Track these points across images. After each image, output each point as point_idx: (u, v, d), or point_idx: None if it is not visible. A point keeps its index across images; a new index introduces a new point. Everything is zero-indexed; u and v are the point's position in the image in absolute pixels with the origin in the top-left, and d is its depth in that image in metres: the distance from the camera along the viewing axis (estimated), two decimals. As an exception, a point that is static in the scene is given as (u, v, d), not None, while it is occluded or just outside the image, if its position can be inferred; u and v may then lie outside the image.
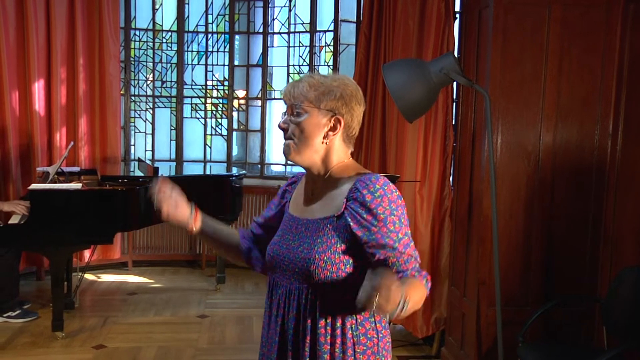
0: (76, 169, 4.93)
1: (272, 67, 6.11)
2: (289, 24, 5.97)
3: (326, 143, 1.59)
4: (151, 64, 6.06)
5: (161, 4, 6.05)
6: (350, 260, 1.53)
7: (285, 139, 1.62)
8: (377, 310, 1.31)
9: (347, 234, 1.53)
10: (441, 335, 3.97)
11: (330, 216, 1.57)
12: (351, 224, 1.52)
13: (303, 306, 1.56)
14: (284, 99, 1.63)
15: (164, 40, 6.09)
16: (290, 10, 5.96)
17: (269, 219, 1.79)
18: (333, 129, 1.59)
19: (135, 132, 6.07)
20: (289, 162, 5.99)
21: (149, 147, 6.13)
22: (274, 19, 6.05)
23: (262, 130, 6.11)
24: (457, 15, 3.89)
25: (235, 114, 6.19)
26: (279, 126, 1.63)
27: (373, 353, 1.58)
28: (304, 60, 5.92)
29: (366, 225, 1.50)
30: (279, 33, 6.04)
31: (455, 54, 3.76)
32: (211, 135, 6.23)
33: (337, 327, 1.54)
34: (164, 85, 6.13)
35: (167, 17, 6.08)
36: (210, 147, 6.24)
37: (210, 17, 6.12)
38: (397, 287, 1.31)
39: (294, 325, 1.58)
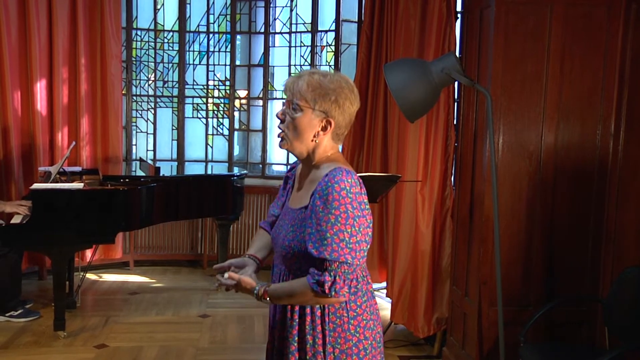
0: (78, 168, 4.93)
1: (273, 67, 6.12)
2: (291, 23, 5.97)
3: (315, 141, 1.74)
4: (153, 63, 6.07)
5: (163, 4, 6.06)
6: None
7: (280, 127, 1.78)
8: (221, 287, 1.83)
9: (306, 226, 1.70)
10: (442, 335, 3.97)
11: (301, 207, 1.75)
12: (307, 218, 1.69)
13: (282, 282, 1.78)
14: (285, 90, 1.79)
15: (166, 40, 6.09)
16: (291, 10, 5.96)
17: (282, 207, 1.95)
18: (324, 129, 1.74)
19: (136, 132, 6.07)
20: (290, 162, 6.02)
21: (151, 147, 6.13)
22: (275, 19, 6.05)
23: (264, 130, 6.12)
24: (459, 15, 3.89)
25: (236, 113, 6.20)
26: (277, 115, 1.79)
27: (343, 330, 1.74)
28: (306, 60, 5.92)
29: (310, 222, 1.66)
30: (281, 33, 6.04)
31: (457, 53, 3.76)
32: (213, 135, 6.23)
33: (306, 306, 1.73)
34: (166, 85, 6.13)
35: (169, 17, 6.08)
36: (211, 147, 6.24)
37: (211, 17, 6.13)
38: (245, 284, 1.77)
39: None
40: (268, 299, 1.73)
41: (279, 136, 1.79)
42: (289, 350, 1.75)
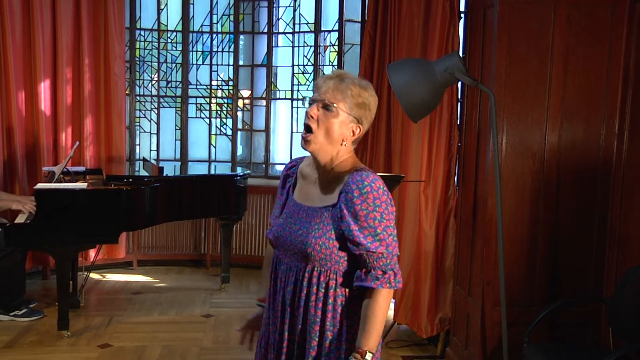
0: (81, 168, 4.94)
1: (276, 67, 6.11)
2: (294, 23, 5.97)
3: (345, 145, 1.78)
4: (156, 64, 6.08)
5: (166, 4, 6.06)
6: (340, 246, 1.74)
7: (307, 128, 1.76)
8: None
9: (339, 224, 1.74)
10: (446, 336, 3.97)
11: (327, 206, 1.77)
12: (339, 217, 1.73)
13: (300, 282, 1.79)
14: (319, 91, 1.76)
15: (169, 40, 6.10)
16: (294, 10, 5.96)
17: (283, 208, 1.95)
18: (352, 134, 1.79)
19: (140, 132, 6.08)
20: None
21: (154, 147, 6.14)
22: (278, 19, 6.05)
23: (267, 130, 6.12)
24: (462, 15, 3.88)
25: (239, 113, 6.20)
26: (310, 114, 1.75)
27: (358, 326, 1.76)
28: (309, 60, 5.92)
29: (348, 221, 1.71)
30: (284, 33, 6.04)
31: (460, 53, 3.75)
32: (216, 135, 6.24)
33: (328, 302, 1.76)
34: (169, 85, 6.14)
35: (172, 17, 6.09)
36: (214, 147, 6.25)
37: (215, 17, 6.13)
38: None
39: (290, 298, 1.81)
40: (373, 351, 1.70)
41: (305, 137, 1.77)
42: (310, 345, 1.77)
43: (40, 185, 4.11)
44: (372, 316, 1.71)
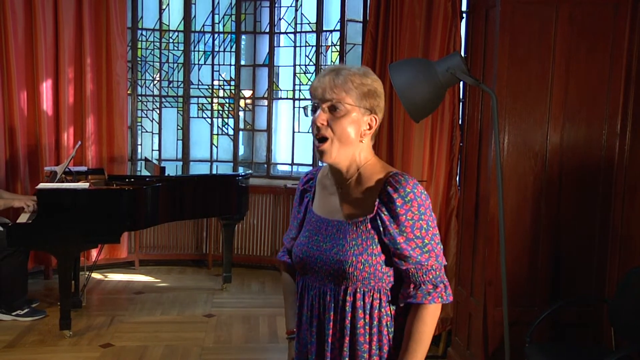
0: (83, 168, 4.95)
1: (278, 66, 6.12)
2: (296, 23, 5.97)
3: (363, 142, 1.60)
4: (158, 63, 6.08)
5: (168, 4, 6.07)
6: (385, 261, 1.56)
7: (319, 137, 1.57)
8: None
9: (381, 237, 1.55)
10: (447, 336, 3.96)
11: (363, 217, 1.57)
12: (381, 229, 1.55)
13: (340, 307, 1.58)
14: (317, 94, 1.57)
15: (171, 40, 6.10)
16: (296, 10, 5.96)
17: (300, 227, 1.75)
18: (369, 127, 1.60)
19: (142, 132, 6.09)
20: (295, 162, 6.02)
21: (156, 147, 6.15)
22: (280, 19, 6.05)
23: (269, 129, 6.12)
24: (464, 15, 3.88)
25: (241, 113, 6.20)
26: (316, 123, 1.56)
27: (394, 337, 1.60)
28: (311, 60, 5.92)
29: (393, 233, 1.53)
30: (286, 33, 6.04)
31: (462, 53, 3.75)
32: (217, 134, 6.24)
33: (374, 325, 1.57)
34: (171, 85, 6.14)
35: (174, 17, 6.09)
36: (216, 147, 6.25)
37: (216, 17, 6.13)
38: None
39: (331, 326, 1.59)
40: None
41: (321, 149, 1.57)
42: (362, 350, 1.57)
43: (42, 185, 4.11)
44: (418, 334, 1.54)
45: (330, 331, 1.59)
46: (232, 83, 6.17)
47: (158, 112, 6.12)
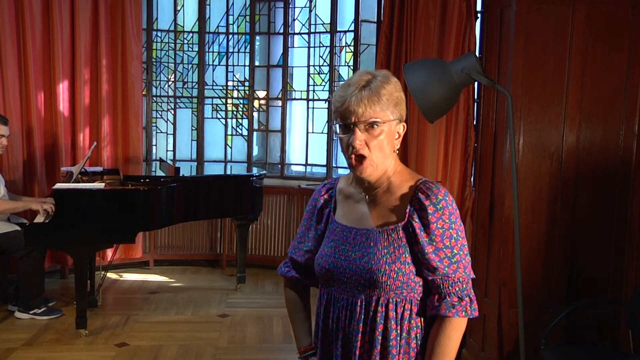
0: (99, 168, 5.00)
1: (292, 67, 6.12)
2: (310, 24, 5.97)
3: (396, 151, 1.59)
4: (173, 64, 6.12)
5: (182, 6, 6.10)
6: (417, 270, 1.53)
7: (357, 157, 1.51)
8: None
9: (412, 245, 1.52)
10: (462, 337, 3.94)
11: (394, 225, 1.54)
12: (412, 237, 1.52)
13: (371, 319, 1.53)
14: (349, 114, 1.49)
15: (186, 41, 6.14)
16: (310, 11, 5.96)
17: (319, 239, 1.69)
18: (399, 136, 1.58)
19: (156, 133, 6.13)
20: (309, 162, 6.03)
21: (171, 148, 6.18)
22: (294, 20, 6.06)
23: (283, 130, 6.13)
24: (479, 15, 3.86)
25: (255, 114, 6.22)
26: (354, 143, 1.49)
27: (417, 345, 1.58)
28: (325, 61, 5.92)
29: (422, 243, 1.50)
30: (300, 33, 6.05)
31: (477, 53, 3.73)
32: (232, 135, 6.26)
33: (403, 337, 1.54)
34: (185, 86, 6.18)
35: (189, 19, 6.13)
36: (230, 147, 6.27)
37: (231, 18, 6.16)
38: None
39: (359, 339, 1.54)
40: None
41: (360, 167, 1.52)
42: (391, 355, 1.54)
43: (58, 185, 4.15)
44: (440, 347, 1.51)
45: (359, 343, 1.54)
46: (247, 84, 6.18)
47: (173, 112, 6.16)
